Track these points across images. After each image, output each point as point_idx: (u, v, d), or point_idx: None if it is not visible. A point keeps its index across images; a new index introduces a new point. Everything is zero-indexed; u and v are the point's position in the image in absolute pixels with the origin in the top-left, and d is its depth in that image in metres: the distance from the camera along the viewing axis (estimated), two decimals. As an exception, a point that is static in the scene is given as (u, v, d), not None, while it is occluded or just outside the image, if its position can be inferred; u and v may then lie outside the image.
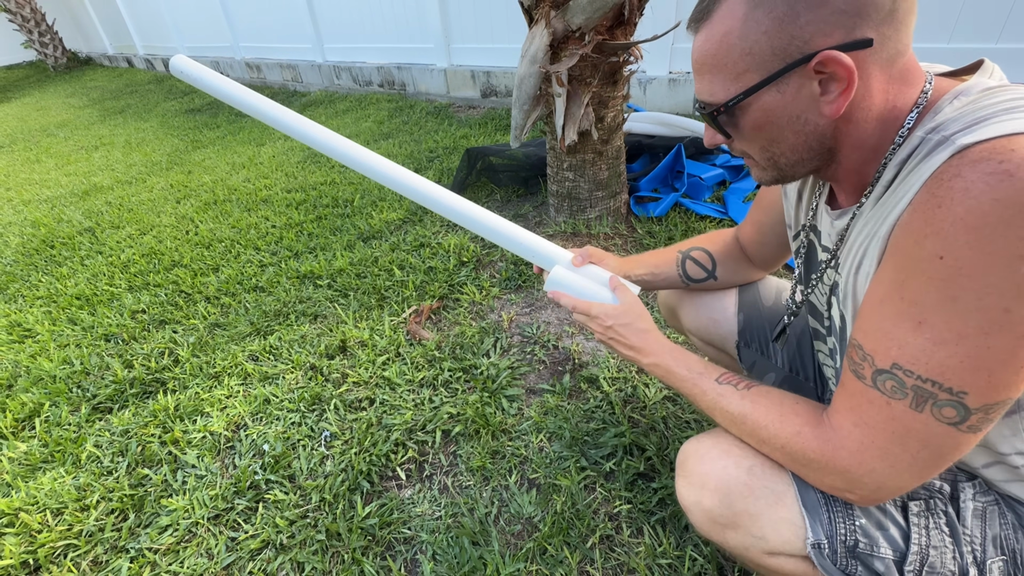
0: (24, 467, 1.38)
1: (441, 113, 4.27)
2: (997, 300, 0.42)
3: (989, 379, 0.44)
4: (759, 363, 0.98)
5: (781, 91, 0.52)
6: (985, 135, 0.42)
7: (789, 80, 0.51)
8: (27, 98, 8.55)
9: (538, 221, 2.35)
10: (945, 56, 2.34)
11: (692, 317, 1.04)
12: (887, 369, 0.49)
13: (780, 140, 0.56)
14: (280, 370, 1.62)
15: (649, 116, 2.69)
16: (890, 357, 0.49)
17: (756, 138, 0.57)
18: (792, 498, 0.61)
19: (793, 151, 0.56)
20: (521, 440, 1.29)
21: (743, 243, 0.96)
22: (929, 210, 0.44)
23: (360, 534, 1.11)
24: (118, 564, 1.11)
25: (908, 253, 0.47)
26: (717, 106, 0.55)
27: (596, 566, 1.00)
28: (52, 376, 1.71)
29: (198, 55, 8.28)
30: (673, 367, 0.72)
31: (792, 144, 0.55)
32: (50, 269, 2.50)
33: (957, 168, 0.43)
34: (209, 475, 1.30)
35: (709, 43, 0.54)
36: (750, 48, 0.51)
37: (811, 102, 0.51)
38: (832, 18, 0.47)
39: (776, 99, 0.52)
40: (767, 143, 0.57)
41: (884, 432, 0.50)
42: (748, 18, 0.50)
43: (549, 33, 1.76)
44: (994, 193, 0.40)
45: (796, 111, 0.53)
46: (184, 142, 4.56)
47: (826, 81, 0.50)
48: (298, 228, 2.57)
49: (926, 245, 0.44)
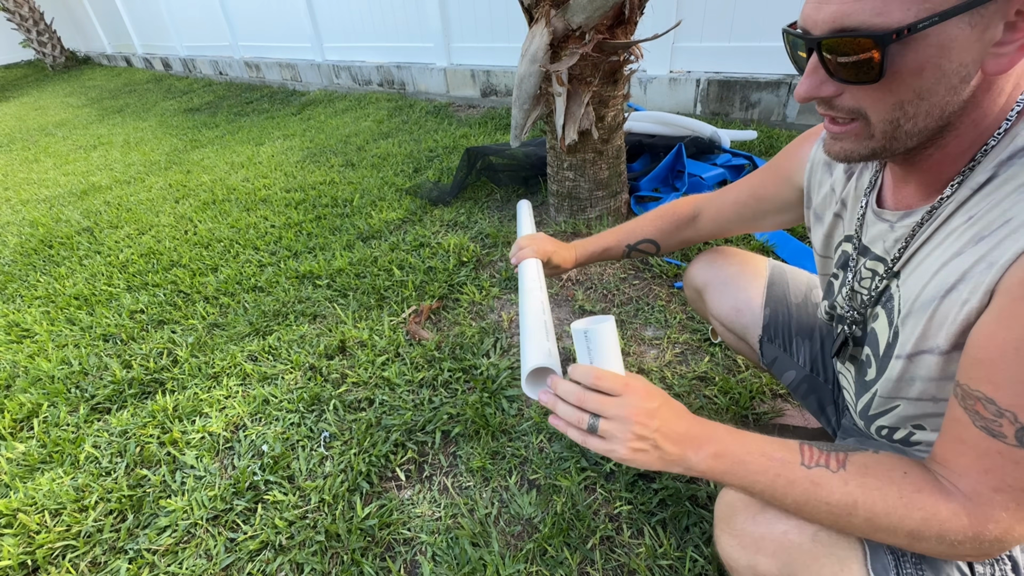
0: (22, 468, 1.38)
1: (441, 112, 4.27)
2: None
3: None
4: (780, 359, 0.96)
5: (973, 24, 0.41)
6: None
7: (984, 13, 0.40)
8: (25, 97, 8.54)
9: (538, 221, 2.34)
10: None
11: (717, 303, 1.01)
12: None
13: (930, 94, 0.44)
14: (279, 370, 1.61)
15: (649, 115, 2.69)
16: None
17: (905, 87, 0.45)
18: (859, 564, 0.54)
19: (928, 115, 0.46)
20: (521, 440, 1.28)
21: (707, 216, 0.97)
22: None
23: (359, 535, 1.11)
24: (117, 565, 1.11)
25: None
26: (893, 31, 0.41)
27: (596, 567, 1.00)
28: (50, 376, 1.70)
29: (198, 55, 8.27)
30: (744, 456, 0.56)
31: (937, 103, 0.45)
32: (48, 269, 2.49)
33: None
34: (208, 476, 1.29)
35: None
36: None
37: (983, 51, 0.42)
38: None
39: (963, 34, 0.41)
40: (913, 96, 0.45)
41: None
42: None
43: (549, 32, 1.76)
44: None
45: (968, 58, 0.42)
46: (183, 141, 4.55)
47: (1011, 27, 0.41)
48: (297, 228, 2.56)
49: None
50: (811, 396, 0.95)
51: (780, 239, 1.88)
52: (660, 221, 1.02)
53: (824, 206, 0.72)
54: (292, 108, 5.25)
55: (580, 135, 1.93)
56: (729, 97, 3.07)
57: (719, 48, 3.08)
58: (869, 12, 0.42)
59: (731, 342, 1.06)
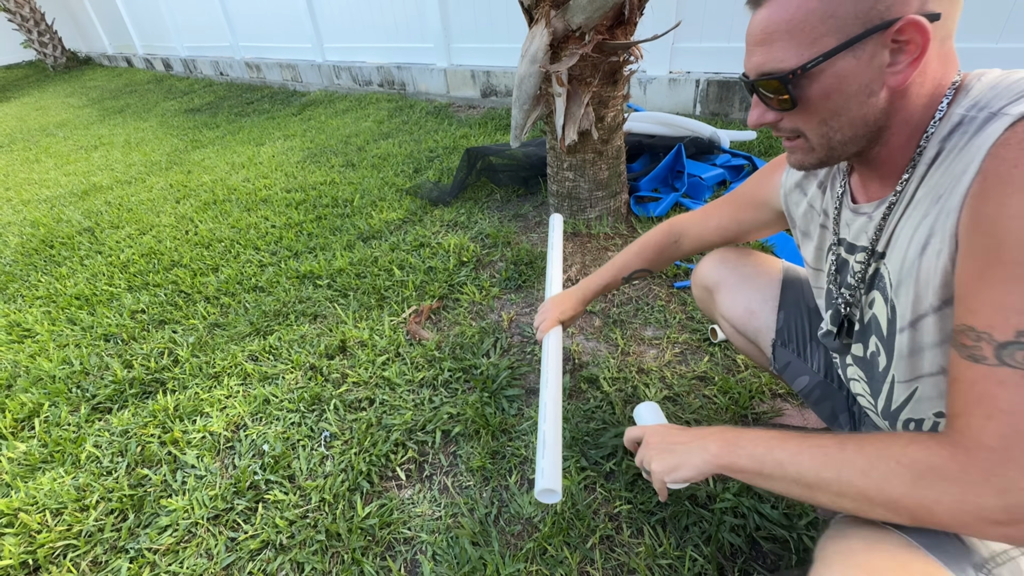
0: (23, 467, 1.38)
1: (441, 113, 4.27)
2: None
3: None
4: (794, 364, 0.94)
5: (857, 56, 0.51)
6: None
7: (865, 46, 0.51)
8: (26, 98, 8.55)
9: (538, 221, 2.35)
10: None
11: (729, 303, 1.00)
12: (1012, 340, 0.44)
13: (843, 112, 0.55)
14: (280, 370, 1.62)
15: (649, 116, 2.69)
16: (1011, 326, 0.44)
17: (819, 109, 0.56)
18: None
19: (851, 126, 0.56)
20: (521, 440, 1.29)
21: (690, 239, 1.03)
22: (1005, 171, 0.45)
23: (360, 534, 1.11)
24: (118, 564, 1.11)
25: (994, 218, 0.46)
26: (789, 72, 0.54)
27: (596, 566, 1.00)
28: (51, 376, 1.71)
29: (198, 55, 8.28)
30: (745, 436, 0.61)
31: (852, 117, 0.55)
32: (49, 269, 2.50)
33: (1022, 133, 0.45)
34: (209, 475, 1.30)
35: (784, 10, 0.53)
36: (832, 12, 0.51)
37: (879, 72, 0.52)
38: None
39: (851, 65, 0.52)
40: (829, 115, 0.56)
41: (1018, 428, 0.43)
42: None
43: (549, 33, 1.76)
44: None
45: (865, 80, 0.52)
46: (183, 142, 4.56)
47: (896, 51, 0.51)
48: (298, 228, 2.57)
49: (1012, 203, 0.44)
50: (824, 403, 0.93)
51: (780, 239, 1.88)
52: (644, 252, 1.09)
53: (808, 222, 0.78)
54: (293, 108, 5.25)
55: (580, 135, 1.93)
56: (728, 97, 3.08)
57: (719, 48, 3.08)
58: (775, 60, 0.55)
59: (739, 344, 1.05)
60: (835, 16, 0.51)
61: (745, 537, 1.01)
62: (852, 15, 0.50)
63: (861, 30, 0.50)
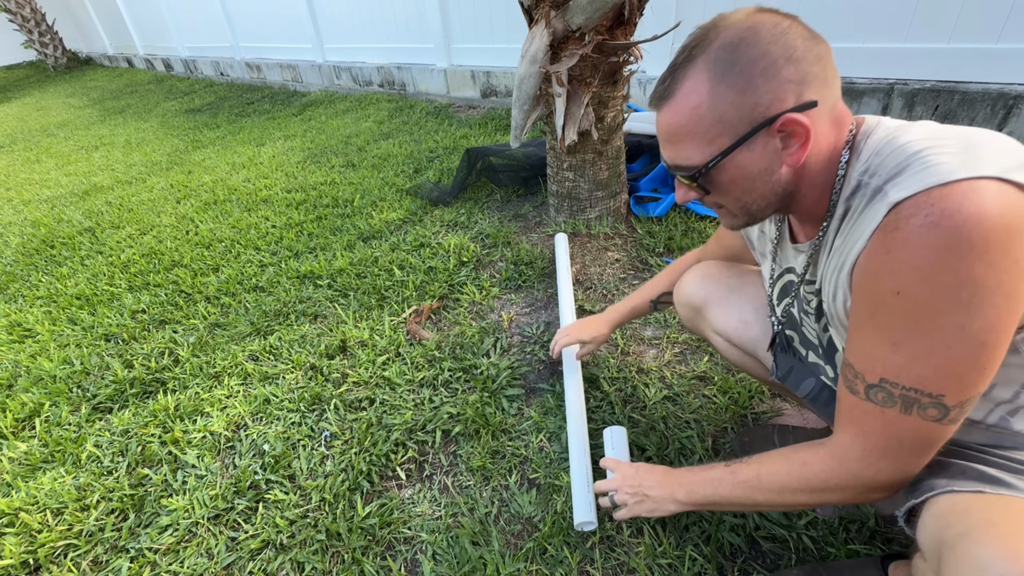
0: (24, 467, 1.38)
1: (441, 113, 4.28)
2: (950, 320, 0.51)
3: (959, 382, 0.54)
4: (797, 369, 0.92)
5: (751, 149, 0.61)
6: (909, 190, 0.52)
7: (756, 140, 0.60)
8: (27, 98, 8.56)
9: (538, 221, 2.35)
10: (945, 56, 2.34)
11: (721, 319, 0.99)
12: (876, 383, 0.58)
13: (752, 190, 0.65)
14: (280, 370, 1.62)
15: (649, 116, 2.69)
16: (877, 373, 0.58)
17: (731, 191, 0.66)
18: None
19: (763, 198, 0.65)
20: (521, 440, 1.29)
21: (711, 253, 1.09)
22: (881, 255, 0.55)
23: (360, 534, 1.11)
24: (118, 564, 1.11)
25: (871, 289, 0.56)
26: (697, 168, 0.64)
27: (596, 566, 1.00)
28: (52, 376, 1.71)
29: (198, 55, 8.28)
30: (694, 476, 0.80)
31: (762, 192, 0.64)
32: (50, 269, 2.50)
33: (895, 222, 0.53)
34: (209, 475, 1.30)
35: (679, 116, 0.62)
36: (720, 117, 0.60)
37: (775, 155, 0.61)
38: (784, 86, 0.58)
39: (747, 156, 0.62)
40: (741, 194, 0.65)
41: (883, 436, 0.59)
42: (713, 93, 0.59)
43: (549, 33, 1.76)
44: (927, 241, 0.50)
45: (764, 164, 0.62)
46: (184, 142, 4.56)
47: (786, 137, 0.60)
48: (298, 228, 2.57)
49: (884, 283, 0.54)
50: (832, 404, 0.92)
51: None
52: (671, 275, 1.15)
53: (763, 245, 0.87)
54: (293, 109, 5.26)
55: (580, 136, 1.93)
56: (729, 98, 3.08)
57: (719, 49, 3.08)
58: (683, 157, 0.65)
59: (735, 358, 1.03)
60: (723, 120, 0.60)
61: (745, 537, 1.02)
62: (737, 118, 0.59)
63: (748, 129, 0.59)
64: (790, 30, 0.58)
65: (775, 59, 0.57)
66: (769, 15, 0.59)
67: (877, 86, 2.51)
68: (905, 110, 2.47)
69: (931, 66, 2.40)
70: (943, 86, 2.35)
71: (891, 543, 0.97)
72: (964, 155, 0.51)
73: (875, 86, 2.51)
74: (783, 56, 0.57)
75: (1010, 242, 0.49)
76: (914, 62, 2.43)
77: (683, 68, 0.62)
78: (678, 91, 0.62)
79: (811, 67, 0.58)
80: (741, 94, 0.58)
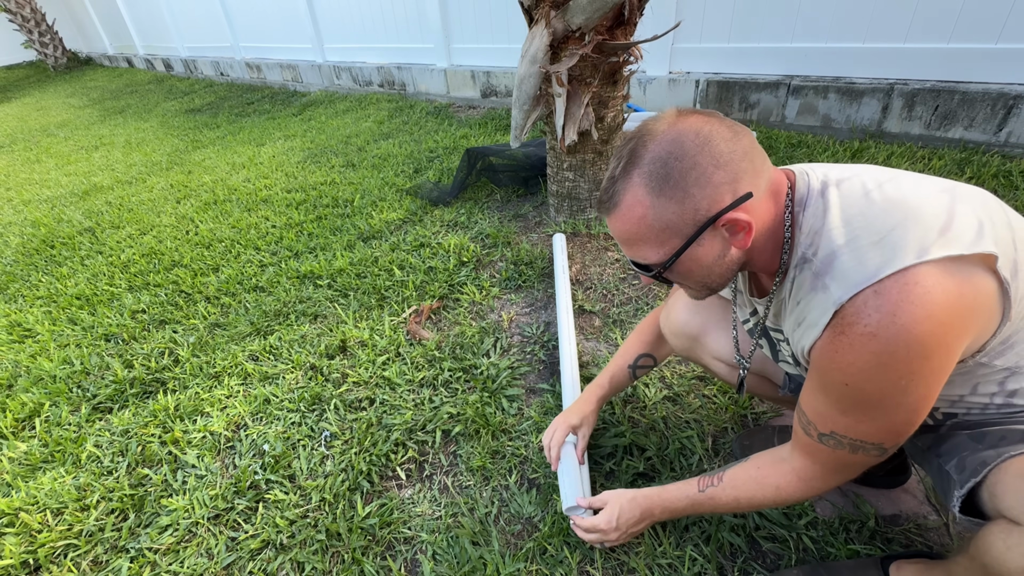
0: (24, 467, 1.38)
1: (441, 113, 4.28)
2: (890, 401, 0.61)
3: (897, 435, 0.65)
4: None
5: (701, 244, 0.67)
6: (845, 290, 0.59)
7: (704, 237, 0.66)
8: (27, 98, 8.56)
9: (538, 221, 2.35)
10: (946, 56, 2.34)
11: (722, 344, 0.98)
12: (827, 433, 0.68)
13: (709, 274, 0.71)
14: (280, 370, 1.62)
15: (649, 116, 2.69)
16: (828, 427, 0.68)
17: (690, 278, 0.72)
18: None
19: (719, 276, 0.71)
20: (521, 440, 1.29)
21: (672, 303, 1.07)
22: (831, 353, 0.62)
23: (360, 534, 1.11)
24: (118, 564, 1.11)
25: (823, 374, 0.65)
26: (656, 268, 0.70)
27: (596, 566, 1.00)
28: (52, 376, 1.71)
29: (198, 55, 8.28)
30: (675, 506, 0.89)
31: (719, 273, 0.70)
32: (50, 269, 2.50)
33: (841, 327, 0.60)
34: (209, 475, 1.30)
35: (629, 224, 0.67)
36: (666, 224, 0.65)
37: (724, 244, 0.67)
38: (718, 189, 0.62)
39: (699, 251, 0.67)
40: (700, 278, 0.72)
41: (836, 463, 0.71)
42: (655, 204, 0.64)
43: (549, 33, 1.76)
44: (869, 348, 0.58)
45: (715, 254, 0.68)
46: (184, 142, 4.56)
47: (731, 229, 0.65)
48: (298, 228, 2.57)
49: (834, 375, 0.63)
50: None
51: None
52: (641, 336, 1.13)
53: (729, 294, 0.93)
54: (293, 109, 5.26)
55: (580, 136, 1.93)
56: (728, 98, 3.07)
57: (718, 49, 3.08)
58: (640, 257, 0.70)
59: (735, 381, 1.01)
60: (669, 227, 0.65)
61: (745, 536, 1.02)
62: (682, 221, 0.64)
63: (695, 230, 0.65)
64: (712, 136, 0.62)
65: (704, 168, 0.62)
66: (689, 122, 0.63)
67: (877, 86, 2.51)
68: (905, 110, 2.47)
69: (931, 66, 2.40)
70: (943, 86, 2.35)
71: (891, 543, 0.97)
72: (883, 245, 0.57)
73: (875, 86, 2.51)
74: (711, 164, 0.62)
75: (943, 334, 0.56)
76: (914, 62, 2.43)
77: (622, 181, 0.66)
78: (622, 202, 0.67)
79: (739, 164, 0.63)
80: (680, 204, 0.63)
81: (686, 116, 0.64)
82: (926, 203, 0.59)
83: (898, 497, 1.05)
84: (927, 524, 1.00)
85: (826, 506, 1.05)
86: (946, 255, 0.55)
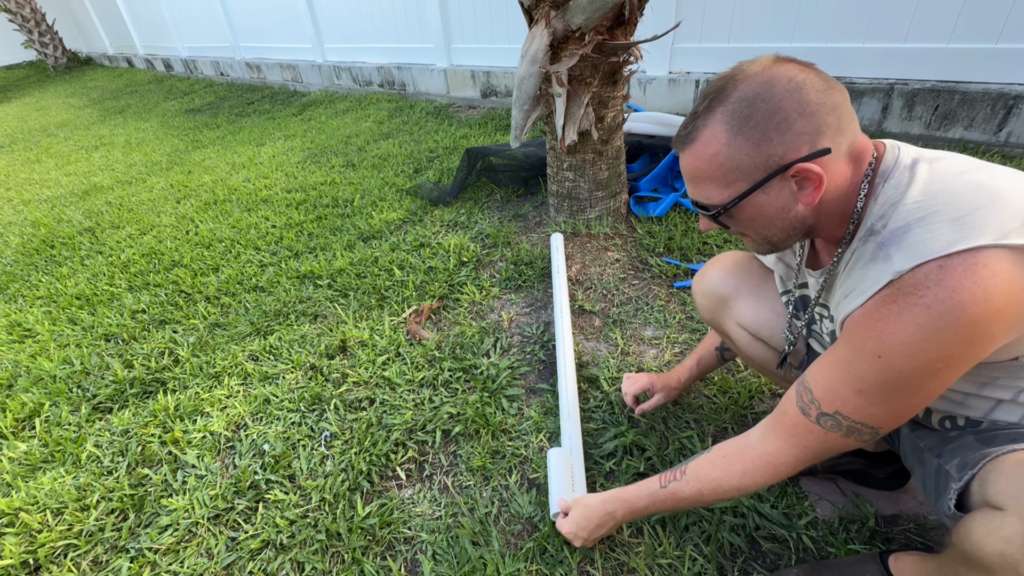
0: (24, 467, 1.38)
1: (441, 113, 4.28)
2: (916, 383, 0.58)
3: (899, 421, 0.63)
4: None
5: (767, 192, 0.66)
6: (909, 260, 0.56)
7: (772, 185, 0.65)
8: (27, 98, 8.56)
9: (538, 221, 2.35)
10: (946, 56, 2.34)
11: (750, 310, 0.96)
12: (830, 414, 0.65)
13: (771, 226, 0.70)
14: (280, 370, 1.62)
15: (649, 116, 2.69)
16: (834, 406, 0.65)
17: (751, 226, 0.71)
18: None
19: (782, 231, 0.70)
20: (521, 440, 1.29)
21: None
22: (874, 319, 0.60)
23: (360, 534, 1.11)
24: (118, 564, 1.11)
25: (857, 343, 0.62)
26: (717, 207, 0.69)
27: (596, 566, 1.00)
28: (52, 376, 1.71)
29: (198, 55, 8.28)
30: (636, 505, 0.87)
31: (780, 227, 0.69)
32: (50, 269, 2.50)
33: (894, 296, 0.58)
34: (209, 475, 1.30)
35: (700, 161, 0.67)
36: (736, 165, 0.64)
37: (791, 197, 0.65)
38: (798, 138, 0.61)
39: (763, 199, 0.66)
40: (761, 228, 0.70)
41: (819, 449, 0.68)
42: (731, 143, 0.64)
43: (549, 33, 1.76)
44: (919, 320, 0.55)
45: (780, 205, 0.66)
46: (184, 142, 4.56)
47: (800, 181, 0.63)
48: (298, 228, 2.57)
49: (870, 344, 0.60)
50: None
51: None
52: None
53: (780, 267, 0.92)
54: (293, 109, 5.26)
55: (580, 136, 1.93)
56: (729, 98, 3.08)
57: (719, 49, 3.08)
58: (704, 196, 0.70)
59: (756, 355, 0.99)
60: (739, 167, 0.64)
61: (745, 536, 1.02)
62: (753, 165, 0.64)
63: (764, 175, 0.64)
64: (804, 84, 0.61)
65: (788, 114, 0.61)
66: (785, 68, 0.62)
67: (877, 86, 2.51)
68: (905, 110, 2.47)
69: (931, 66, 2.40)
70: (943, 86, 2.35)
71: (891, 543, 0.97)
72: (962, 223, 0.54)
73: (875, 86, 2.51)
74: (796, 111, 0.61)
75: (994, 321, 0.53)
76: (914, 62, 2.44)
77: (703, 117, 0.66)
78: (699, 138, 0.66)
79: (824, 118, 0.61)
80: (756, 146, 0.62)
81: (783, 62, 0.63)
82: (1017, 192, 0.56)
83: (898, 497, 1.06)
84: (927, 524, 1.00)
85: (826, 506, 1.05)
86: (1023, 244, 0.52)
